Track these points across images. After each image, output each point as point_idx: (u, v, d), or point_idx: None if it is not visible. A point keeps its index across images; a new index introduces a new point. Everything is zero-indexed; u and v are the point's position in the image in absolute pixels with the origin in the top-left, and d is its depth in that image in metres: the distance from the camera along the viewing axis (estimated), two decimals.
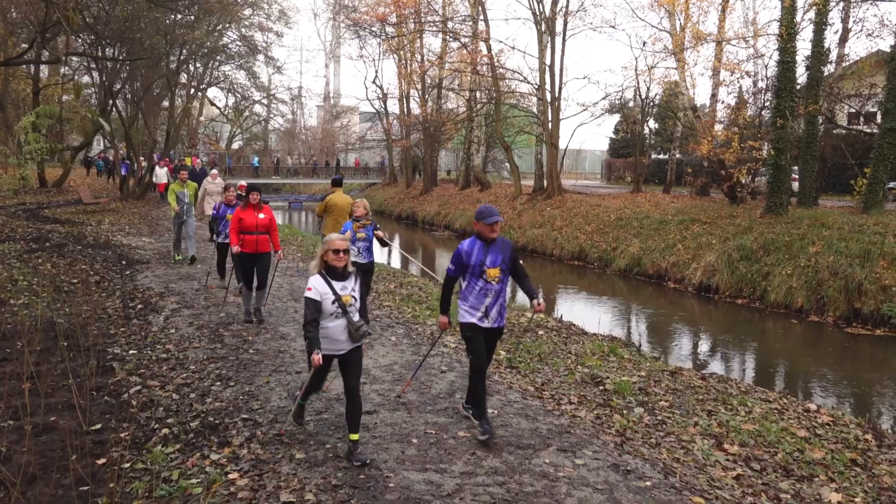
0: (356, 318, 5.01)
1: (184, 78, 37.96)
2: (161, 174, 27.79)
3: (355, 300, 5.04)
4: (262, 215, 8.86)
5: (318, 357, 4.78)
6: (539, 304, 5.40)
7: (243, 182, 12.63)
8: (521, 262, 5.65)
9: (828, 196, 25.17)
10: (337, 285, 4.97)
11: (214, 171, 15.69)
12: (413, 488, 4.57)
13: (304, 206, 44.96)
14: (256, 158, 52.66)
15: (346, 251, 4.98)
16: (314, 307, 4.86)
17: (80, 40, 27.22)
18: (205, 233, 17.30)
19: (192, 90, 41.86)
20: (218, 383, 6.64)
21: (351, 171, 54.94)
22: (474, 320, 5.47)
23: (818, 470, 5.32)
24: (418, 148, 42.91)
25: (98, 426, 5.46)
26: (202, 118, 53.70)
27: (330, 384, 6.46)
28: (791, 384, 10.32)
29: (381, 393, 6.51)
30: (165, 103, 36.82)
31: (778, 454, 5.59)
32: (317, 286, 4.92)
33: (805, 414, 6.96)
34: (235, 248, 8.68)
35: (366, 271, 9.10)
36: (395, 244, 28.10)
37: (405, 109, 42.17)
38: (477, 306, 5.47)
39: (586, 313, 14.16)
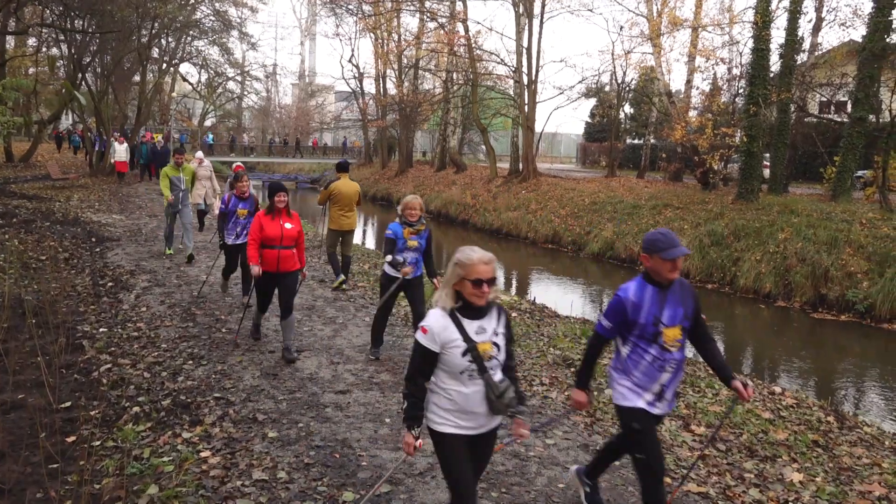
0: (498, 377, 3.17)
1: (155, 52, 37.27)
2: (120, 151, 26.18)
3: (498, 349, 3.19)
4: (288, 224, 6.70)
5: (413, 442, 3.24)
6: (748, 390, 3.79)
7: (239, 163, 11.65)
8: (703, 316, 3.89)
9: (798, 184, 25.56)
10: (470, 326, 3.13)
11: (200, 155, 14.45)
12: (385, 467, 4.61)
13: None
14: (211, 136, 50.57)
15: (493, 280, 3.13)
16: (427, 359, 3.15)
17: (48, 11, 26.55)
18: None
19: (164, 65, 41.10)
20: (190, 362, 6.61)
21: (312, 150, 54.51)
22: (642, 404, 3.63)
23: (781, 450, 5.46)
24: (394, 128, 42.69)
25: (68, 404, 5.41)
26: (174, 94, 52.80)
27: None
28: (758, 368, 10.53)
29: (354, 373, 6.53)
30: (136, 78, 36.12)
31: (743, 435, 5.72)
32: (436, 328, 3.11)
33: (770, 396, 7.12)
34: (256, 270, 6.58)
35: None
36: (371, 226, 28.02)
37: (381, 89, 41.86)
38: (647, 385, 3.61)
39: (559, 296, 14.27)
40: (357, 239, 15.95)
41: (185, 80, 52.46)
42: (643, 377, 3.59)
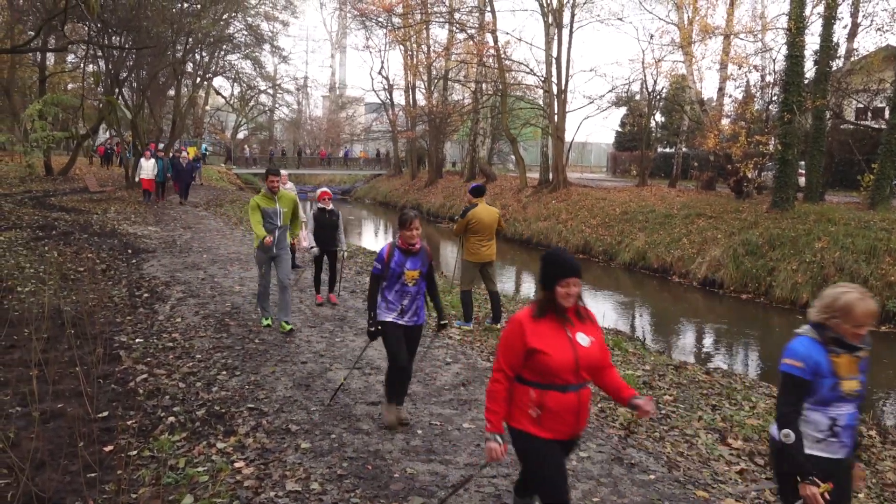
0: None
1: (189, 67, 37.97)
2: (147, 167, 22.33)
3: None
4: (585, 339, 3.45)
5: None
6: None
7: (325, 189, 9.63)
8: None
9: (834, 192, 25.07)
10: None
11: (284, 174, 10.04)
12: (418, 479, 4.60)
13: (308, 196, 44.99)
14: (205, 146, 47.97)
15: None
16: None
17: (86, 28, 27.22)
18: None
19: (198, 79, 41.88)
20: (224, 372, 6.67)
21: (341, 162, 54.92)
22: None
23: None
24: (424, 139, 42.87)
25: (105, 413, 5.49)
26: (208, 107, 53.74)
27: None
28: None
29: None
30: (171, 92, 36.82)
31: None
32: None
33: None
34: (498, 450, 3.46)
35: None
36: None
37: (411, 100, 42.11)
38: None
39: (591, 307, 14.12)
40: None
41: (218, 93, 53.34)
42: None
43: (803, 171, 21.68)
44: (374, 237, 29.13)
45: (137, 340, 7.59)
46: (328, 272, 10.30)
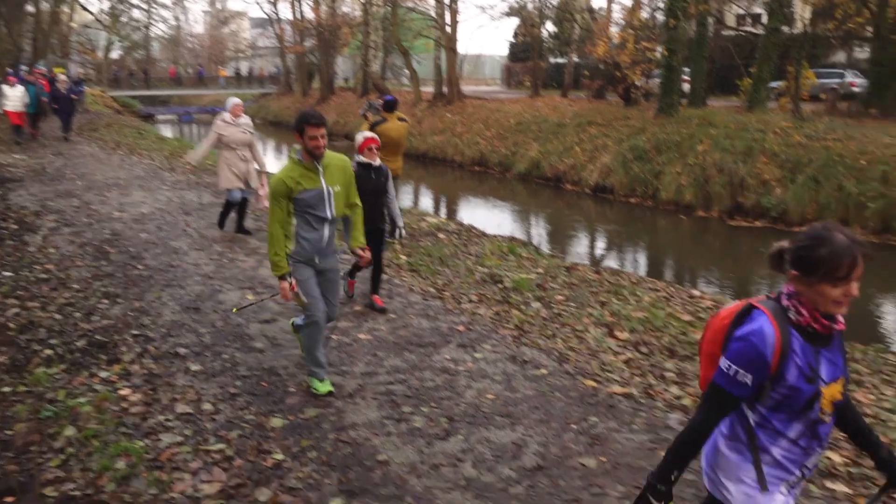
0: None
1: None
2: (14, 96, 17.36)
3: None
4: None
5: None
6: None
7: (368, 133, 6.18)
8: None
9: (716, 96, 26.04)
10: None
11: (236, 102, 8.52)
12: (312, 394, 4.56)
13: (194, 118, 42.71)
14: (73, 69, 42.65)
15: None
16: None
17: None
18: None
19: None
20: (105, 301, 6.33)
21: (235, 80, 52.38)
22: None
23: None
24: (313, 54, 41.20)
25: None
26: (74, 24, 49.33)
27: None
28: (679, 274, 10.90)
29: (279, 302, 6.39)
30: (30, 8, 33.47)
31: (664, 338, 5.90)
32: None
33: (689, 300, 7.37)
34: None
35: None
36: None
37: (298, 13, 40.14)
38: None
39: (487, 217, 14.32)
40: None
41: (84, 8, 48.93)
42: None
43: (688, 78, 22.33)
44: (272, 158, 28.10)
45: (6, 274, 7.05)
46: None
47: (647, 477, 2.15)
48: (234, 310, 5.79)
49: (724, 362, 2.04)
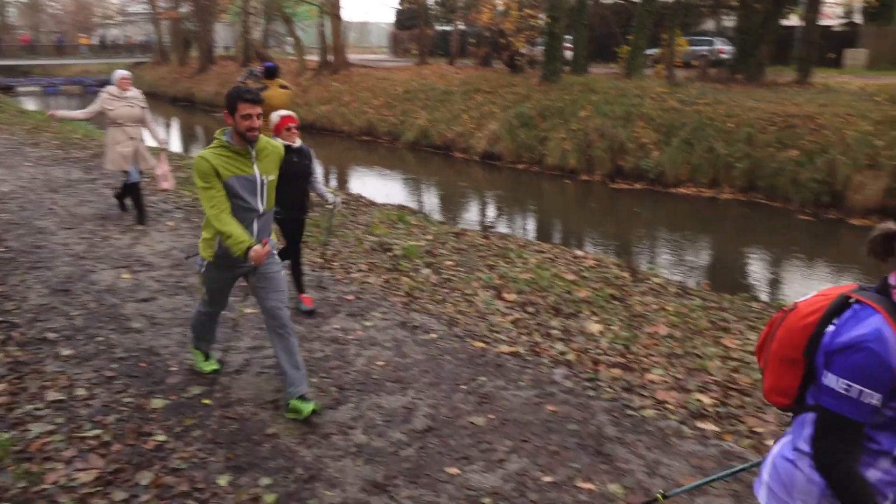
0: None
1: None
2: None
3: None
4: None
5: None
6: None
7: (286, 112, 5.27)
8: None
9: (597, 64, 26.81)
10: None
11: (123, 75, 7.70)
12: (194, 370, 4.41)
13: (60, 90, 39.79)
14: None
15: None
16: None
17: None
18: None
19: None
20: None
21: (107, 50, 49.19)
22: None
23: (583, 307, 5.88)
24: (190, 21, 39.19)
25: None
26: None
27: None
28: (564, 236, 11.24)
29: (158, 279, 6.11)
30: None
31: (550, 297, 6.09)
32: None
33: (573, 260, 7.62)
34: None
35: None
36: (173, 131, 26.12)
37: None
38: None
39: (377, 186, 14.22)
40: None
41: None
42: None
43: (570, 45, 22.85)
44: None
45: None
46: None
47: None
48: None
49: (838, 382, 1.62)
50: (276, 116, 5.17)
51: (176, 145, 20.85)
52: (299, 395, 3.80)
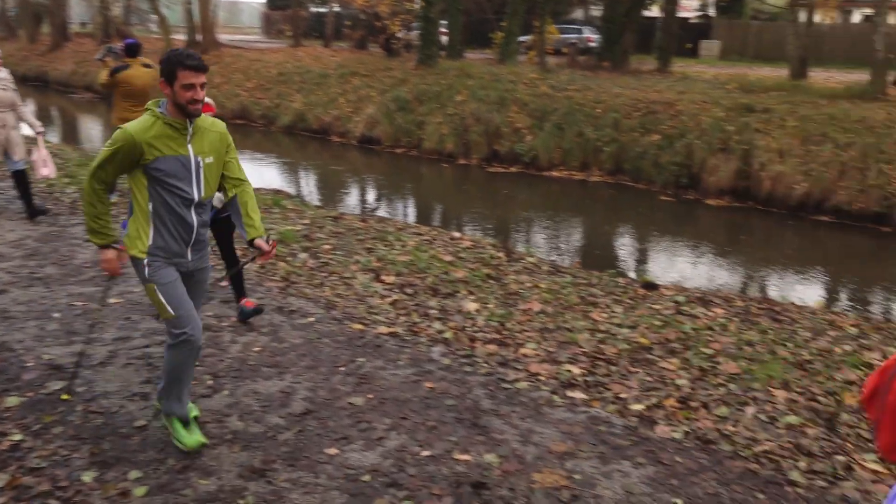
0: None
1: None
2: None
3: None
4: None
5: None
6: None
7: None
8: None
9: (472, 49, 27.20)
10: None
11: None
12: (55, 363, 4.15)
13: None
14: None
15: None
16: None
17: None
18: None
19: None
20: None
21: None
22: None
23: (460, 286, 6.01)
24: None
25: None
26: None
27: None
28: (442, 219, 11.40)
29: (9, 271, 5.68)
30: None
31: (428, 278, 6.17)
32: None
33: (451, 242, 7.75)
34: None
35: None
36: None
37: None
38: None
39: (251, 171, 13.74)
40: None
41: None
42: None
43: (445, 30, 23.05)
44: None
45: None
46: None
47: None
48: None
49: None
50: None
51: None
52: (184, 422, 3.41)
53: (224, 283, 5.05)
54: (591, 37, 27.03)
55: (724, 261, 9.41)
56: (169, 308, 3.15)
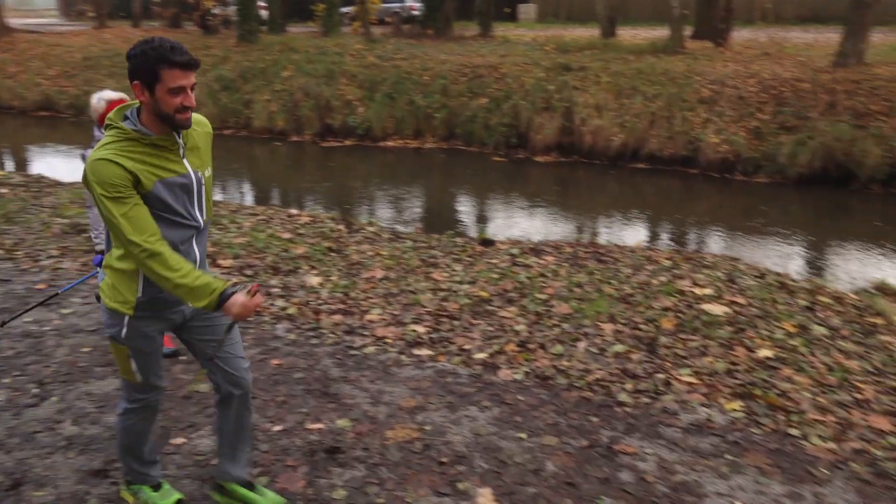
0: None
1: None
2: None
3: None
4: None
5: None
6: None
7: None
8: None
9: (294, 23, 26.50)
10: None
11: None
12: None
13: None
14: None
15: None
16: None
17: None
18: None
19: None
20: None
21: None
22: None
23: (301, 262, 5.95)
24: None
25: None
26: None
27: None
28: (279, 197, 11.16)
29: None
30: None
31: (268, 258, 6.05)
32: None
33: (289, 219, 7.63)
34: None
35: None
36: None
37: None
38: None
39: (62, 165, 12.75)
40: None
41: None
42: None
43: (265, 4, 22.27)
44: None
45: None
46: None
47: None
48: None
49: None
50: (100, 102, 3.94)
51: None
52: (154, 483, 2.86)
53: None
54: (414, 5, 27.15)
55: (554, 213, 9.95)
56: (138, 374, 2.57)
